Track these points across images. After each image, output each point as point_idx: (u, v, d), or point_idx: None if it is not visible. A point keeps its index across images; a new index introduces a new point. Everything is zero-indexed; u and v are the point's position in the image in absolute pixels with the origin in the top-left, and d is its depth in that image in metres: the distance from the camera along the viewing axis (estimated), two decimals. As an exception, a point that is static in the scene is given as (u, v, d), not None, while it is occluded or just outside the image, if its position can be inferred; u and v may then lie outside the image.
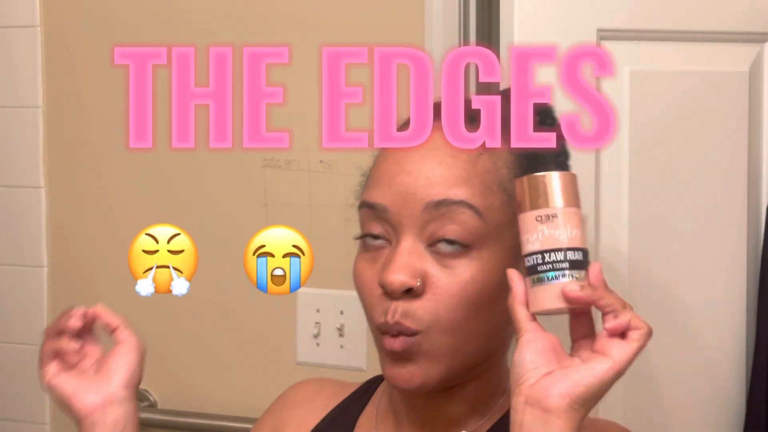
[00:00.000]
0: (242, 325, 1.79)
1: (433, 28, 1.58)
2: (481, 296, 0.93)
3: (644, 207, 1.46)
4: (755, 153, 1.53)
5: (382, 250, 0.95)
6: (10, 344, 1.93)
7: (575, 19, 1.43)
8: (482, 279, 0.92)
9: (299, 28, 1.71)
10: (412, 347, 0.93)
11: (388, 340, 0.93)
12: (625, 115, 1.45)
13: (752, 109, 1.52)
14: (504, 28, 1.41)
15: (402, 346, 0.93)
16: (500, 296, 0.93)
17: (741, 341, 1.53)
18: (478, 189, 0.93)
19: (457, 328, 0.93)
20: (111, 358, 1.03)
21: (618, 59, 1.44)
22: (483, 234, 0.92)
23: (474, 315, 0.93)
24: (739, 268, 1.52)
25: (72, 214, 1.89)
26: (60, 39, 1.88)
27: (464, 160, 0.94)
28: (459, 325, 0.93)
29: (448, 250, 0.92)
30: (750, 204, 1.53)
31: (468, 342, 0.94)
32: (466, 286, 0.92)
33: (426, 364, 0.94)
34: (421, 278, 0.92)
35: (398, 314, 0.92)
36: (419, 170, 0.93)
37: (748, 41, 1.51)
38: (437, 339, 0.93)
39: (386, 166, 0.96)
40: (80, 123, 1.88)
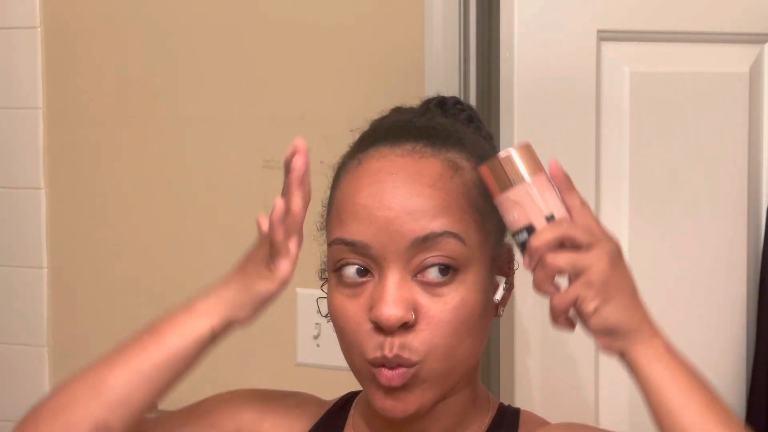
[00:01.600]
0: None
1: (433, 29, 1.58)
2: (472, 317, 0.93)
3: (644, 207, 1.46)
4: (755, 153, 1.53)
5: (365, 285, 0.94)
6: (10, 344, 1.93)
7: (575, 20, 1.42)
8: (470, 300, 0.93)
9: (299, 29, 1.71)
10: (411, 378, 0.93)
11: (385, 373, 0.93)
12: (625, 116, 1.45)
13: (752, 109, 1.52)
14: (504, 28, 1.41)
15: (402, 379, 0.92)
16: (485, 312, 0.96)
17: (741, 341, 1.53)
18: (457, 215, 0.93)
19: (452, 352, 0.93)
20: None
21: (618, 60, 1.44)
22: (466, 257, 0.93)
23: (466, 336, 0.94)
24: (739, 268, 1.52)
25: (72, 214, 1.89)
26: (60, 39, 1.88)
27: (441, 187, 0.94)
28: (454, 349, 0.93)
29: (437, 280, 0.92)
30: (750, 204, 1.53)
31: (460, 363, 0.95)
32: (457, 311, 0.92)
33: (421, 392, 0.94)
34: (414, 310, 0.92)
35: (396, 347, 0.92)
36: (401, 205, 0.92)
37: (748, 42, 1.52)
38: (434, 366, 0.93)
39: (361, 200, 0.94)
40: (80, 123, 1.88)
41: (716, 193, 1.50)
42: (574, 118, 1.43)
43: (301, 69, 1.70)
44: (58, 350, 1.90)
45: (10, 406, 1.90)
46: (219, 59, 1.77)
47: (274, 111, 1.73)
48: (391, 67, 1.65)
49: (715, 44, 1.49)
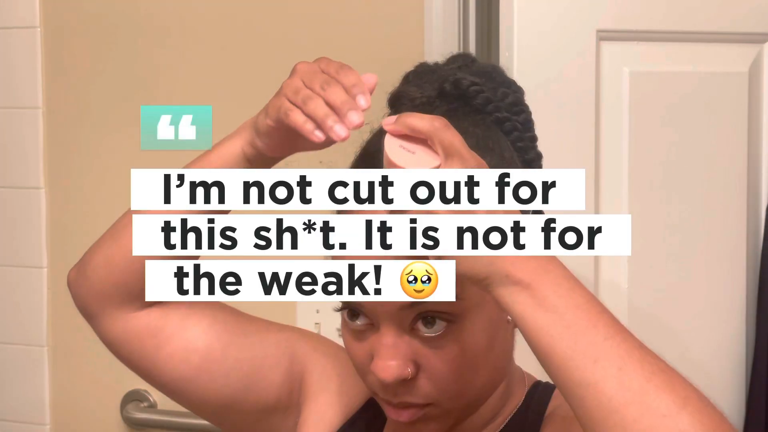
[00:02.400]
0: (242, 325, 1.79)
1: (433, 30, 1.58)
2: (476, 359, 0.91)
3: (644, 207, 1.46)
4: (755, 153, 1.53)
5: (367, 332, 0.92)
6: (10, 344, 1.93)
7: (575, 21, 1.43)
8: (472, 345, 0.90)
9: (299, 30, 1.71)
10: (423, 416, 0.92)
11: (393, 412, 0.92)
12: (625, 115, 1.45)
13: (752, 109, 1.52)
14: (504, 29, 1.42)
15: (412, 416, 0.92)
16: (495, 341, 0.92)
17: (741, 341, 1.53)
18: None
19: (463, 392, 0.92)
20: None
21: (618, 59, 1.44)
22: (462, 309, 0.89)
23: (475, 375, 0.92)
24: (739, 268, 1.52)
25: (72, 214, 1.89)
26: (60, 39, 1.88)
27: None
28: (464, 389, 0.92)
29: (430, 334, 0.89)
30: (750, 204, 1.53)
31: (476, 394, 0.94)
32: (458, 360, 0.90)
33: (435, 425, 0.93)
34: (413, 364, 0.90)
35: (401, 394, 0.91)
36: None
37: (747, 41, 1.52)
38: (446, 406, 0.92)
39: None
40: (80, 123, 1.88)
41: (716, 193, 1.50)
42: (573, 118, 1.43)
43: (301, 69, 1.70)
44: (58, 350, 1.90)
45: (10, 406, 1.90)
46: (219, 59, 1.78)
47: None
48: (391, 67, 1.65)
49: (714, 44, 1.49)
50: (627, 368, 0.76)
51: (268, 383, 1.06)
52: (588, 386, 0.76)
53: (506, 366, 0.98)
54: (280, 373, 1.07)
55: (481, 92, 0.96)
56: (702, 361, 1.51)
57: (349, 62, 1.77)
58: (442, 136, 0.81)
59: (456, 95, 0.97)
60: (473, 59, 1.04)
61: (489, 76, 0.99)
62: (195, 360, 1.04)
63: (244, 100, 1.78)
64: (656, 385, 0.75)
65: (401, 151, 0.83)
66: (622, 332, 0.78)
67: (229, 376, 1.05)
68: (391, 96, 1.02)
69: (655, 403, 0.74)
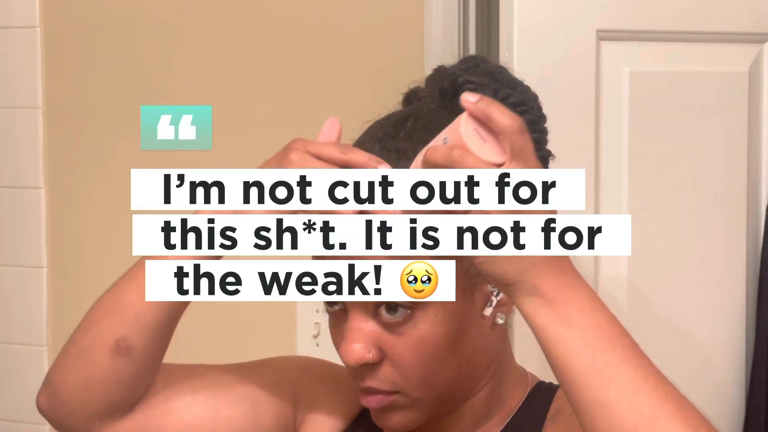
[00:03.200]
0: (242, 325, 1.79)
1: (433, 30, 1.58)
2: (438, 348, 0.92)
3: (644, 207, 1.46)
4: (755, 153, 1.53)
5: (342, 317, 0.95)
6: (10, 344, 1.93)
7: (575, 20, 1.43)
8: (433, 334, 0.92)
9: (299, 30, 1.71)
10: (390, 404, 0.94)
11: (364, 397, 0.94)
12: (624, 115, 1.45)
13: (752, 109, 1.52)
14: (504, 28, 1.42)
15: (379, 404, 0.94)
16: (462, 337, 0.93)
17: (741, 341, 1.53)
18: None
19: (429, 382, 0.93)
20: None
21: (618, 59, 1.44)
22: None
23: (440, 366, 0.93)
24: (739, 268, 1.52)
25: (72, 214, 1.89)
26: (60, 39, 1.88)
27: None
28: (430, 379, 0.93)
29: (392, 320, 0.91)
30: (750, 204, 1.53)
31: (446, 386, 0.94)
32: (419, 347, 0.91)
33: (406, 415, 0.94)
34: (375, 349, 0.92)
35: (367, 380, 0.93)
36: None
37: (747, 41, 1.52)
38: (414, 395, 0.93)
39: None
40: (80, 123, 1.88)
41: (716, 193, 1.50)
42: (573, 118, 1.43)
43: (302, 69, 1.70)
44: (58, 350, 1.89)
45: (10, 406, 1.90)
46: (219, 59, 1.78)
47: (274, 111, 1.73)
48: (391, 67, 1.65)
49: (714, 44, 1.49)
50: (641, 393, 0.77)
51: (266, 428, 1.07)
52: (601, 406, 0.77)
53: (488, 364, 0.98)
54: (274, 414, 1.08)
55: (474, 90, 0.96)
56: (702, 360, 1.51)
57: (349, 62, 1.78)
58: (516, 138, 0.82)
59: (452, 93, 0.99)
60: (484, 60, 1.05)
61: (492, 76, 1.00)
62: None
63: (244, 100, 1.79)
64: (668, 412, 0.76)
65: (474, 135, 0.82)
66: (640, 357, 0.80)
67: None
68: (405, 95, 1.05)
69: (665, 429, 0.75)
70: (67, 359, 1.03)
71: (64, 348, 1.03)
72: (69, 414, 1.02)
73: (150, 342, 0.99)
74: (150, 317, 0.98)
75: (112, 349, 0.98)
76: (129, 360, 0.98)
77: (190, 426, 1.04)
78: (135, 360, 0.98)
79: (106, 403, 1.00)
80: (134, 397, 1.02)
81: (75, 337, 1.03)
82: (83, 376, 1.00)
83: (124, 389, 1.00)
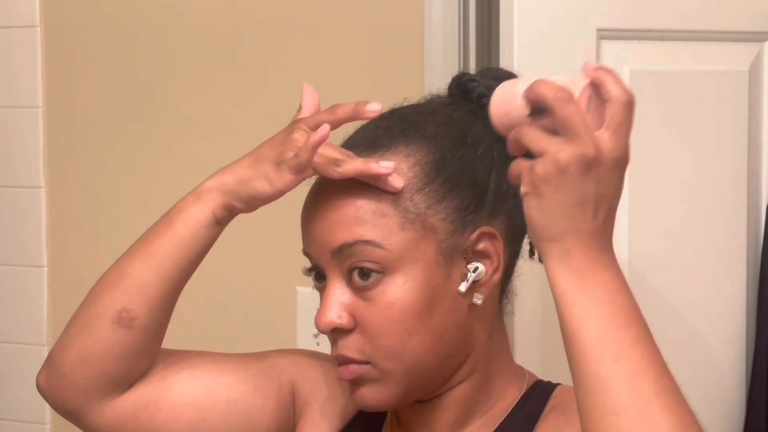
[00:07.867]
0: (242, 324, 1.79)
1: (433, 30, 1.58)
2: (406, 316, 0.93)
3: (644, 207, 1.46)
4: (755, 153, 1.53)
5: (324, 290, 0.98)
6: (10, 344, 1.93)
7: (575, 20, 1.43)
8: (400, 300, 0.93)
9: (299, 30, 1.71)
10: (362, 376, 0.95)
11: (339, 368, 0.97)
12: (624, 115, 1.45)
13: (752, 108, 1.52)
14: (504, 29, 1.42)
15: (351, 375, 0.95)
16: (432, 309, 0.94)
17: (741, 341, 1.53)
18: (373, 221, 0.93)
19: (397, 352, 0.94)
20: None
21: (618, 59, 1.44)
22: (391, 260, 0.93)
23: (408, 335, 0.94)
24: (739, 268, 1.52)
25: (72, 214, 1.89)
26: (60, 39, 1.88)
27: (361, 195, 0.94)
28: (397, 349, 0.94)
29: (363, 284, 0.93)
30: (750, 204, 1.53)
31: (416, 361, 0.95)
32: (386, 312, 0.93)
33: (376, 388, 0.96)
34: (346, 315, 0.94)
35: (339, 348, 0.96)
36: (322, 217, 0.95)
37: (748, 41, 1.52)
38: (384, 366, 0.95)
39: (305, 211, 0.98)
40: (80, 123, 1.88)
41: (716, 192, 1.50)
42: (573, 117, 1.43)
43: (302, 69, 1.70)
44: (58, 350, 1.91)
45: (10, 406, 1.90)
46: (219, 59, 1.78)
47: (275, 111, 1.73)
48: (391, 66, 1.65)
49: (714, 42, 1.49)
50: (642, 377, 0.78)
51: (264, 414, 1.09)
52: (599, 380, 0.78)
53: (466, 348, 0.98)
54: (273, 401, 1.09)
55: (477, 87, 1.02)
56: (702, 360, 1.51)
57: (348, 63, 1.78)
58: (619, 109, 0.84)
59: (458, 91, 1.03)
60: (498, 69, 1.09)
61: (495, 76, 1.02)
62: (188, 415, 1.06)
63: (244, 100, 1.79)
64: (663, 402, 0.77)
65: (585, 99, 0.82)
66: (650, 346, 0.80)
67: (227, 420, 1.07)
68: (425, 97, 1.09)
69: (657, 418, 0.76)
70: (68, 334, 1.05)
71: (66, 327, 1.06)
72: (71, 390, 1.04)
73: (152, 313, 1.01)
74: (152, 288, 1.01)
75: (114, 320, 1.01)
76: (131, 332, 1.01)
77: (186, 404, 1.06)
78: (136, 331, 1.01)
79: (107, 376, 1.02)
80: (135, 372, 1.03)
81: (77, 313, 1.05)
82: (85, 348, 1.02)
83: (125, 363, 1.02)
